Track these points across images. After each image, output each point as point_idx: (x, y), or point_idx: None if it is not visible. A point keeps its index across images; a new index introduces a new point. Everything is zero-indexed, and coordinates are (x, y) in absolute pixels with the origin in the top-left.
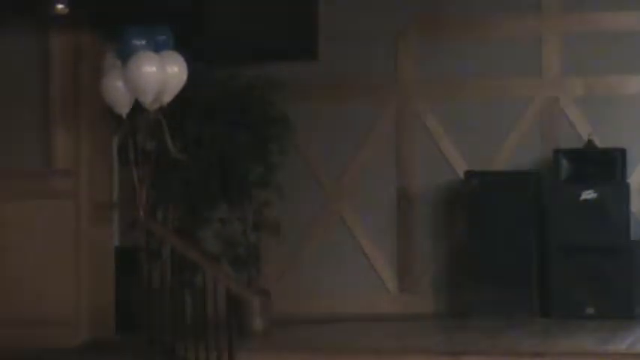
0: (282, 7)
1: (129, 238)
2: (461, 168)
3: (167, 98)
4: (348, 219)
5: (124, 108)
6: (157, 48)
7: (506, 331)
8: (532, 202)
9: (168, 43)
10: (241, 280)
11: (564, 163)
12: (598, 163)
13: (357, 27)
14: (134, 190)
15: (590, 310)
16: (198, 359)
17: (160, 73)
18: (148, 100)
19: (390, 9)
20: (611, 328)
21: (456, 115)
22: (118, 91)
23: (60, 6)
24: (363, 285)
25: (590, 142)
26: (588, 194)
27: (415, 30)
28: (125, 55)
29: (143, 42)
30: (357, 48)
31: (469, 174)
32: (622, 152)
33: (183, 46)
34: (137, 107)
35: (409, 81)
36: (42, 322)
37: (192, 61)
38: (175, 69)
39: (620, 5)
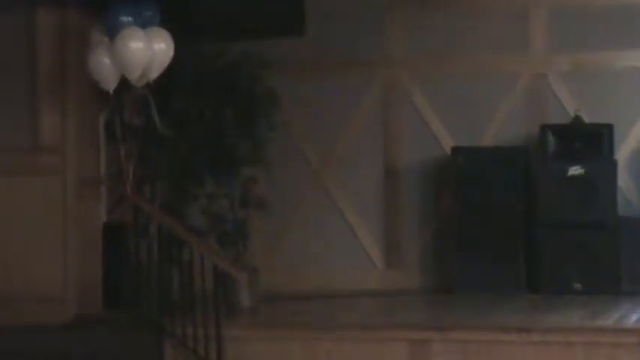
0: None
1: (116, 214)
2: (448, 144)
3: (154, 74)
4: (336, 195)
5: (110, 84)
6: (144, 24)
7: (494, 306)
8: (519, 177)
9: (155, 20)
10: (228, 256)
11: (551, 138)
12: (585, 139)
13: (345, 3)
14: (121, 167)
15: (577, 286)
16: (186, 335)
17: (147, 50)
18: (134, 76)
19: None
20: (599, 303)
21: (443, 90)
22: (104, 68)
23: None
24: (350, 261)
25: (577, 117)
26: (575, 170)
27: (402, 6)
28: (112, 32)
29: (130, 18)
30: (344, 24)
31: (456, 150)
32: (609, 128)
33: (169, 22)
34: (124, 83)
35: (396, 57)
36: (29, 298)
37: (179, 37)
38: (162, 45)
39: None
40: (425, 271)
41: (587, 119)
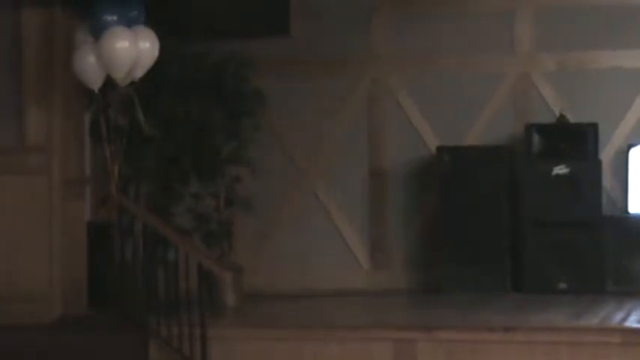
0: None
1: (101, 213)
2: (433, 143)
3: (139, 74)
4: (321, 195)
5: (96, 84)
6: (129, 23)
7: (479, 306)
8: (504, 177)
9: (140, 19)
10: (213, 255)
11: (536, 138)
12: (570, 138)
13: (330, 2)
14: (106, 166)
15: (562, 285)
16: (171, 334)
17: (132, 49)
18: (120, 75)
19: None
20: (583, 303)
21: (428, 90)
22: (90, 67)
23: None
24: (335, 261)
25: (562, 117)
26: (560, 169)
27: (389, 5)
28: (97, 31)
29: (115, 17)
30: (330, 24)
31: (441, 149)
32: (594, 127)
33: (155, 21)
34: (109, 83)
35: (382, 57)
36: (15, 298)
37: (164, 37)
38: (147, 44)
39: None
40: (411, 270)
41: (572, 119)
